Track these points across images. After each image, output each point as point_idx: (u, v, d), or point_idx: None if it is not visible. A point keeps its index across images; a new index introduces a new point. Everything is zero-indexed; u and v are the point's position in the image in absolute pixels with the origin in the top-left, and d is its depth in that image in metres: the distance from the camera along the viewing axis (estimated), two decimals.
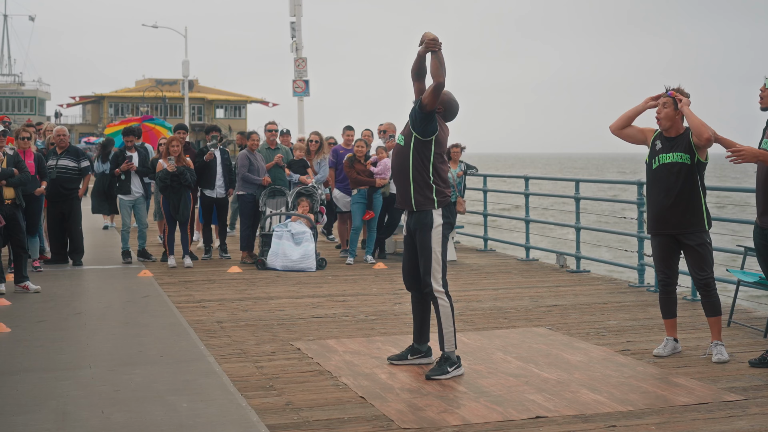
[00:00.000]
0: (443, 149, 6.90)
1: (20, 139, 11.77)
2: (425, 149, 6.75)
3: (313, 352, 7.49)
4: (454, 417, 5.67)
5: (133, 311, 9.46)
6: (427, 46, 6.69)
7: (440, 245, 6.78)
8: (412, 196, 6.77)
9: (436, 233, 6.76)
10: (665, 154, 7.15)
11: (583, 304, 9.88)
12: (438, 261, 6.77)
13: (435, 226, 6.76)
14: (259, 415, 5.66)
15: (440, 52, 6.67)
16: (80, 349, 7.65)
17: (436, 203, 6.75)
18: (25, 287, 10.54)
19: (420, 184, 6.75)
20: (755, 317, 9.01)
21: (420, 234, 6.79)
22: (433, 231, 6.76)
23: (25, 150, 11.70)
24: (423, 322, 7.12)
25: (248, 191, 13.25)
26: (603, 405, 5.92)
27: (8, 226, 10.39)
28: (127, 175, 13.27)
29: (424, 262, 6.77)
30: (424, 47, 6.72)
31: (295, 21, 25.32)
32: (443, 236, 6.81)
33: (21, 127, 12.24)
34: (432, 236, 6.75)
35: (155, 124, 23.05)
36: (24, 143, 11.74)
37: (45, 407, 5.83)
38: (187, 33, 56.58)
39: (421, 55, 6.81)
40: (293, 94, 25.49)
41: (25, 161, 11.28)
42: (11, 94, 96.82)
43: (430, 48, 6.68)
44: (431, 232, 6.75)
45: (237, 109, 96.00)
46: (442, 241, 6.80)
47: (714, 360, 7.12)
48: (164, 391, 6.23)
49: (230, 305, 9.77)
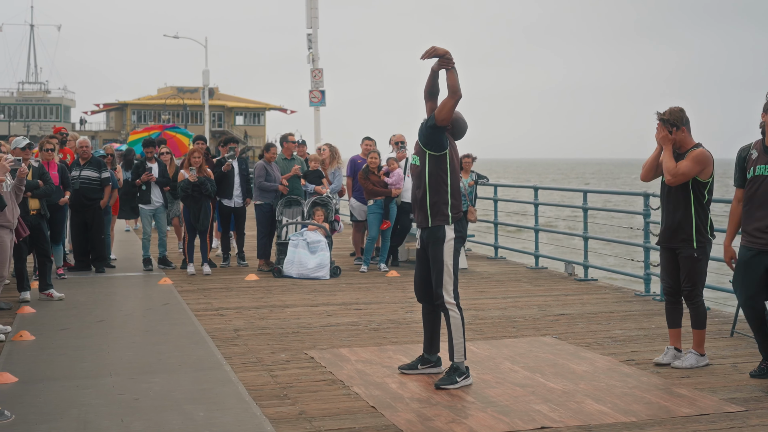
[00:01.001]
0: (456, 165, 6.93)
1: (44, 151, 11.89)
2: (440, 165, 6.79)
3: (326, 361, 7.54)
4: (461, 427, 5.70)
5: (153, 319, 9.53)
6: (441, 64, 6.73)
7: (452, 258, 6.81)
8: (428, 212, 6.80)
9: (448, 247, 6.79)
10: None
11: (590, 313, 9.89)
12: (450, 274, 6.80)
13: (447, 240, 6.79)
14: (273, 425, 5.70)
15: (454, 68, 6.70)
16: (102, 357, 7.72)
17: (450, 218, 6.80)
18: (49, 295, 10.63)
19: (436, 201, 6.78)
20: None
21: (433, 247, 6.82)
22: (446, 245, 6.79)
23: (49, 161, 11.81)
24: (433, 333, 7.16)
25: (265, 201, 13.34)
26: (607, 416, 5.94)
27: (33, 236, 10.48)
28: (148, 186, 13.38)
29: (437, 274, 6.80)
30: (439, 64, 6.75)
31: (312, 33, 25.40)
32: (455, 250, 6.85)
33: (44, 139, 12.32)
34: (444, 250, 6.78)
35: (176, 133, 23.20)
36: (48, 155, 11.86)
37: (66, 416, 5.90)
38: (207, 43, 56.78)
39: (435, 71, 6.85)
40: (309, 104, 25.56)
41: (49, 172, 11.40)
42: (37, 101, 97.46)
43: (444, 66, 6.71)
44: (444, 246, 6.78)
45: (256, 116, 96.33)
46: (454, 255, 6.84)
47: (673, 364, 7.29)
48: (182, 399, 6.29)
49: (247, 313, 9.83)
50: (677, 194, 7.19)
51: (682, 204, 7.17)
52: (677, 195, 7.19)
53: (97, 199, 12.92)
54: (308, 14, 25.40)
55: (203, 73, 57.81)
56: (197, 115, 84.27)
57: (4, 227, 8.57)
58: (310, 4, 25.29)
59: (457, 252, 6.87)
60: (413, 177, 6.99)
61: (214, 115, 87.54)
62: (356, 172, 13.92)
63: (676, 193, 7.20)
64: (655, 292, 11.19)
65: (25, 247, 10.46)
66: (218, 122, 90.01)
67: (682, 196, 7.17)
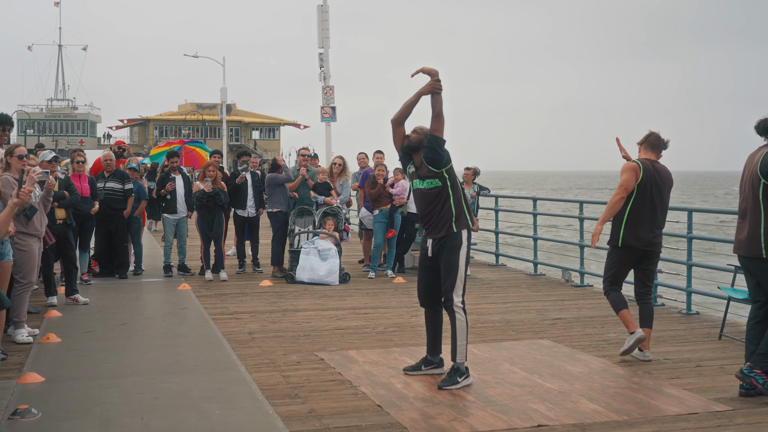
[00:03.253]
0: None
1: (75, 163, 11.94)
2: (455, 179, 6.80)
3: (335, 362, 7.54)
4: (463, 425, 5.70)
5: (172, 322, 9.55)
6: (433, 88, 6.70)
7: (464, 264, 6.81)
8: (453, 222, 6.76)
9: (463, 253, 6.78)
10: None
11: (586, 318, 9.87)
12: (462, 279, 6.78)
13: (463, 246, 6.77)
14: (285, 422, 5.71)
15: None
16: (123, 358, 7.73)
17: (470, 222, 6.83)
18: (75, 299, 10.66)
19: (461, 210, 6.78)
20: (744, 331, 8.94)
21: (449, 254, 6.75)
22: (461, 251, 6.77)
23: (80, 173, 11.86)
24: (436, 335, 7.16)
25: (278, 208, 13.35)
26: (600, 414, 5.93)
27: (60, 244, 10.52)
28: (173, 196, 13.41)
29: (450, 279, 6.75)
30: (431, 88, 6.71)
31: (323, 52, 25.47)
32: (468, 256, 6.86)
33: (76, 152, 12.27)
34: (460, 255, 6.76)
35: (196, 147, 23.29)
36: (79, 167, 11.91)
37: (90, 413, 5.91)
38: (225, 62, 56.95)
39: (421, 94, 6.78)
40: (321, 120, 25.60)
41: (81, 183, 11.50)
42: (65, 117, 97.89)
43: (436, 91, 6.70)
44: (460, 252, 6.76)
45: (271, 130, 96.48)
46: (467, 261, 6.84)
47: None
48: (199, 398, 6.30)
49: (261, 317, 9.85)
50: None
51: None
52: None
53: (120, 209, 12.95)
54: (320, 35, 25.49)
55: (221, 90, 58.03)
56: (216, 129, 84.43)
57: (32, 235, 8.61)
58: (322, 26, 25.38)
59: (468, 258, 6.88)
60: (431, 199, 6.80)
61: (232, 129, 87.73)
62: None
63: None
64: None
65: (52, 255, 10.50)
66: (235, 136, 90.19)
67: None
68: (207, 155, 22.21)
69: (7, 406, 6.07)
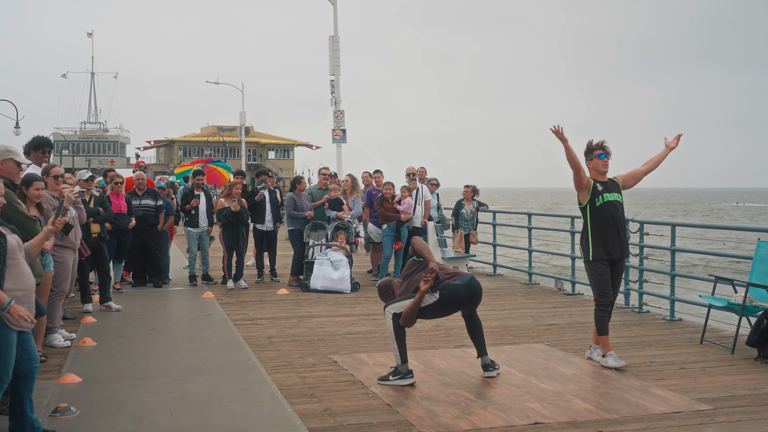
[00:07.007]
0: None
1: (115, 183, 12.12)
2: None
3: (347, 364, 7.56)
4: (465, 422, 5.71)
5: (197, 327, 9.57)
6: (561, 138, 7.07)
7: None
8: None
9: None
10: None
11: (577, 323, 9.87)
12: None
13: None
14: (302, 420, 5.73)
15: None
16: (153, 360, 7.76)
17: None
18: (108, 306, 10.71)
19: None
20: (723, 336, 8.97)
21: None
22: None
23: (119, 192, 12.01)
24: (473, 337, 7.19)
25: (296, 227, 13.45)
26: (592, 413, 5.93)
27: (95, 255, 10.58)
28: (196, 211, 13.47)
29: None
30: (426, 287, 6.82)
31: (334, 79, 25.55)
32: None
33: (114, 173, 12.58)
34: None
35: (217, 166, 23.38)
36: (117, 187, 12.07)
37: (124, 411, 5.94)
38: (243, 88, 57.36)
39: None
40: (332, 141, 25.66)
41: (119, 201, 11.65)
42: (97, 138, 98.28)
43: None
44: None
45: (286, 151, 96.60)
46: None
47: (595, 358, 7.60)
48: (223, 397, 6.32)
49: (279, 323, 9.86)
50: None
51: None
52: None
53: (154, 224, 13.04)
54: (331, 63, 25.57)
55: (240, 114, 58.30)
56: (235, 150, 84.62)
57: (67, 248, 8.67)
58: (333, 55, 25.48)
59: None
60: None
61: (250, 150, 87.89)
62: (372, 201, 14.01)
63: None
64: (633, 305, 11.16)
65: (87, 265, 10.56)
66: (253, 156, 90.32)
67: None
68: (228, 173, 22.32)
69: (48, 404, 6.11)
